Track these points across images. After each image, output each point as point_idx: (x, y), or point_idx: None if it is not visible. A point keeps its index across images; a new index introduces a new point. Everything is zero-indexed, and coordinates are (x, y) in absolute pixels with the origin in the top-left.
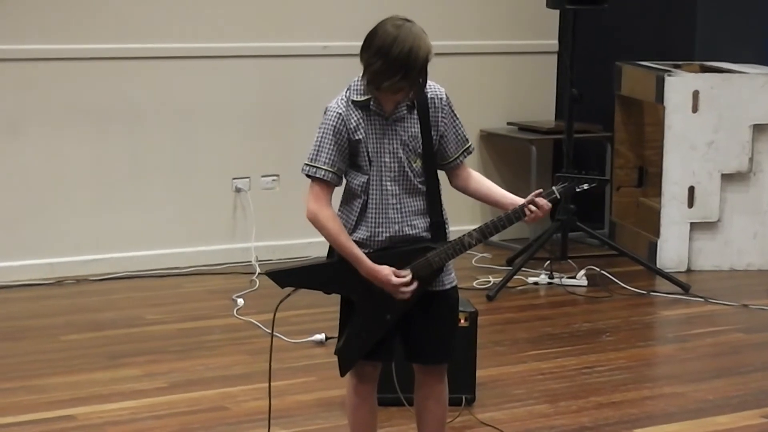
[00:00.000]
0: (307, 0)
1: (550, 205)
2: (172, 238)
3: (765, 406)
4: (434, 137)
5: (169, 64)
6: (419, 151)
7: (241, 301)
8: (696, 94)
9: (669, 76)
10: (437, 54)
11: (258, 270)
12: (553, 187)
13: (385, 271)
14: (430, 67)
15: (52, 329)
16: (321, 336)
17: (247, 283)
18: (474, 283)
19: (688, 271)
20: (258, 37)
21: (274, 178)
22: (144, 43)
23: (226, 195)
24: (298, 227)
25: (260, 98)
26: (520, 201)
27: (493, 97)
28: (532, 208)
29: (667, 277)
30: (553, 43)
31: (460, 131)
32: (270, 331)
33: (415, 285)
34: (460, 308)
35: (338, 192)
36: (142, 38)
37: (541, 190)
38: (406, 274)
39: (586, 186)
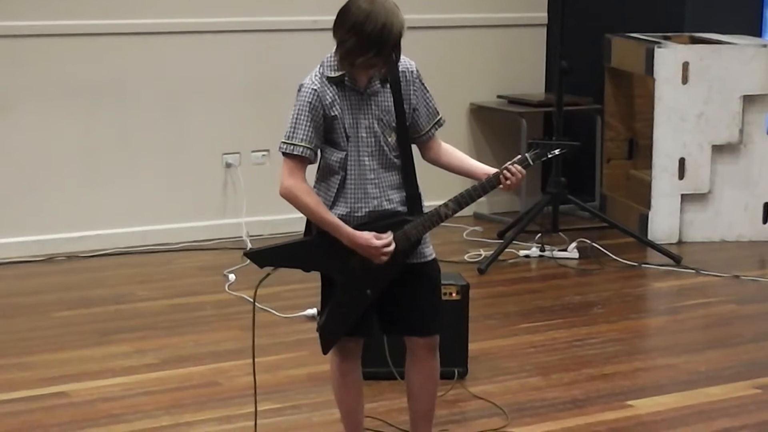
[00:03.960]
0: None
1: (524, 171)
2: (162, 214)
3: (757, 377)
4: (407, 111)
5: (159, 40)
6: (393, 125)
7: (232, 277)
8: (686, 66)
9: (659, 47)
10: (427, 27)
11: (249, 245)
12: (526, 154)
13: (366, 235)
14: (419, 41)
15: (42, 306)
16: (313, 311)
17: (238, 259)
18: (465, 257)
19: (679, 242)
20: (248, 11)
21: (264, 153)
22: (133, 19)
23: (216, 170)
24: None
25: (250, 73)
26: (493, 170)
27: (483, 70)
28: (507, 174)
29: (659, 249)
30: (543, 15)
31: (431, 104)
32: (257, 308)
33: (393, 246)
34: (452, 281)
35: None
36: (130, 14)
37: (519, 157)
38: (387, 236)
39: (557, 151)
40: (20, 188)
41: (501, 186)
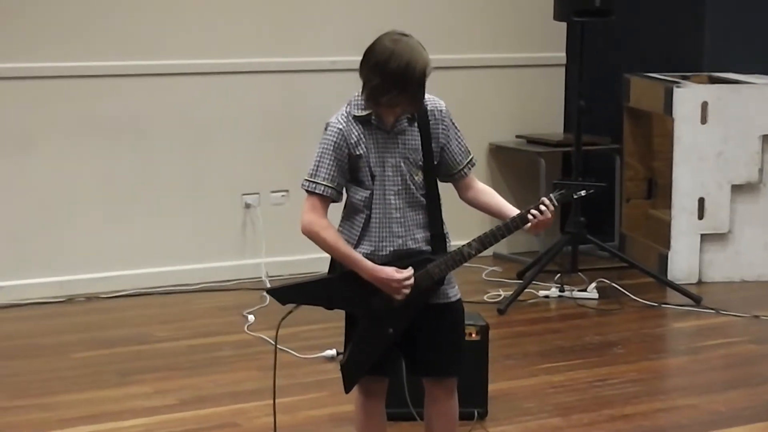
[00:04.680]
0: (315, 15)
1: (552, 208)
2: (182, 254)
3: None
4: (435, 150)
5: (179, 80)
6: (420, 163)
7: (251, 317)
8: (705, 106)
9: (677, 87)
10: (446, 68)
11: (268, 285)
12: (551, 195)
13: (387, 269)
14: (438, 80)
15: (63, 347)
16: (332, 351)
17: (258, 299)
18: (485, 297)
19: (699, 282)
20: (266, 52)
21: (284, 193)
22: (154, 60)
23: (236, 211)
24: (308, 242)
25: (269, 114)
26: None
27: (502, 110)
28: (536, 213)
29: (678, 288)
30: (561, 55)
31: (462, 142)
32: (277, 348)
33: (413, 281)
34: (471, 322)
35: (337, 209)
36: (151, 55)
37: (543, 198)
38: (407, 270)
39: (583, 192)
40: (41, 228)
41: (528, 226)
